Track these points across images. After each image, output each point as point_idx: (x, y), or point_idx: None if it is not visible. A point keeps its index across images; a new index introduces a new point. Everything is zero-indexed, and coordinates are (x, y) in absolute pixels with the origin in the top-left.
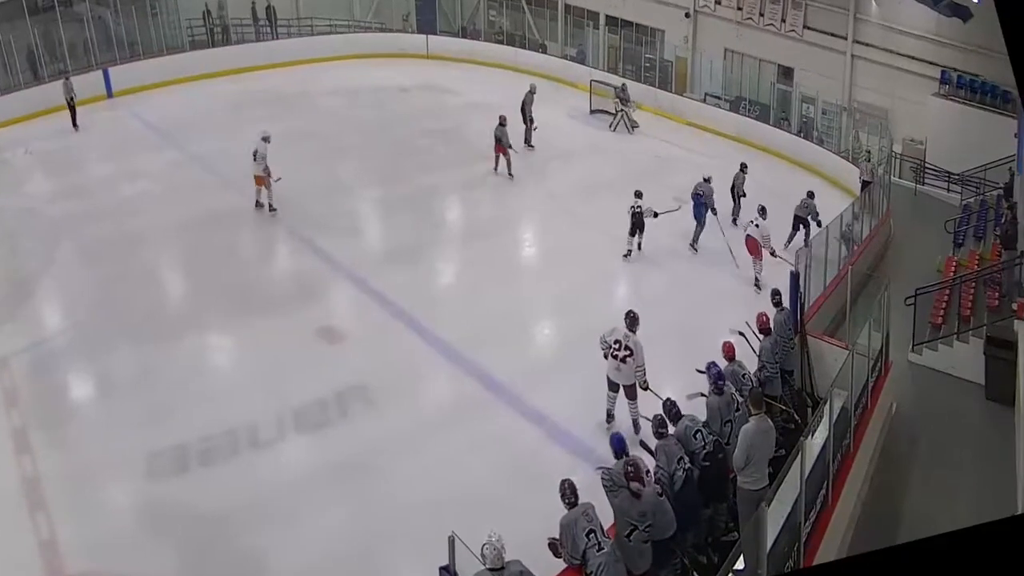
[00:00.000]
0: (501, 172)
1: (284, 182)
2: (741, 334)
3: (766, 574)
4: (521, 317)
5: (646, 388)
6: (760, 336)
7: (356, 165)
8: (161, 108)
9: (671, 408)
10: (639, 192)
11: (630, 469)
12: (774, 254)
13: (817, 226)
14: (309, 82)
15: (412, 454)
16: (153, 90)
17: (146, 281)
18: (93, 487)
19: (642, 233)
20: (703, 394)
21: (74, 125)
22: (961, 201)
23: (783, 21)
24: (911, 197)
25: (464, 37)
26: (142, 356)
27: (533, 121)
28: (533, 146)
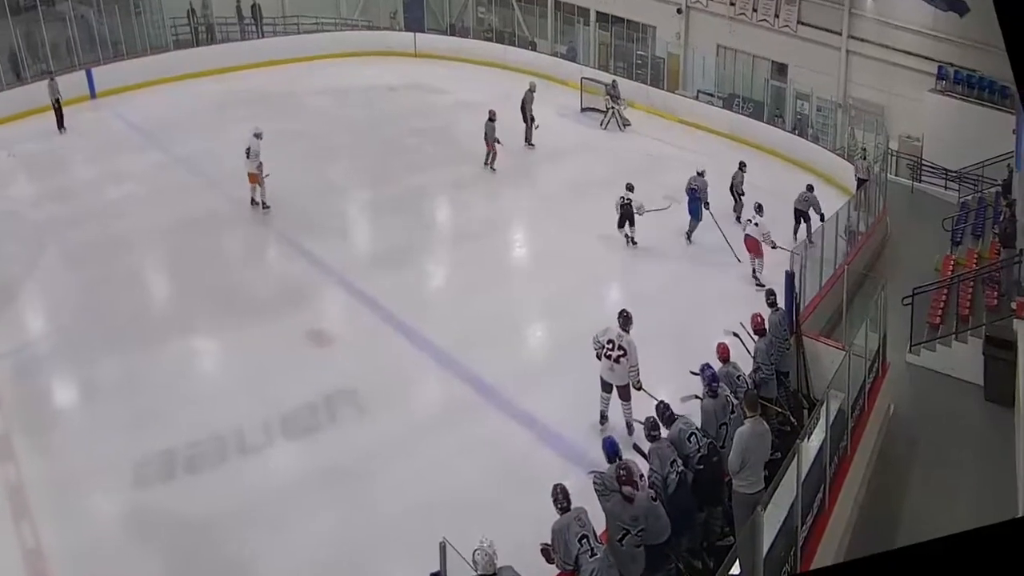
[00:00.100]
0: (485, 170)
1: (271, 182)
2: (735, 335)
3: None
4: (512, 319)
5: (639, 388)
6: (755, 337)
7: (344, 165)
8: (145, 109)
9: (664, 411)
10: (630, 185)
11: (622, 473)
12: (775, 246)
13: (820, 220)
14: (295, 81)
15: (402, 459)
16: (137, 90)
17: (131, 284)
18: (78, 494)
19: (632, 226)
20: (698, 396)
21: (60, 127)
22: (959, 199)
23: (777, 16)
24: (908, 195)
25: (452, 35)
26: (127, 361)
27: (534, 120)
28: (534, 145)
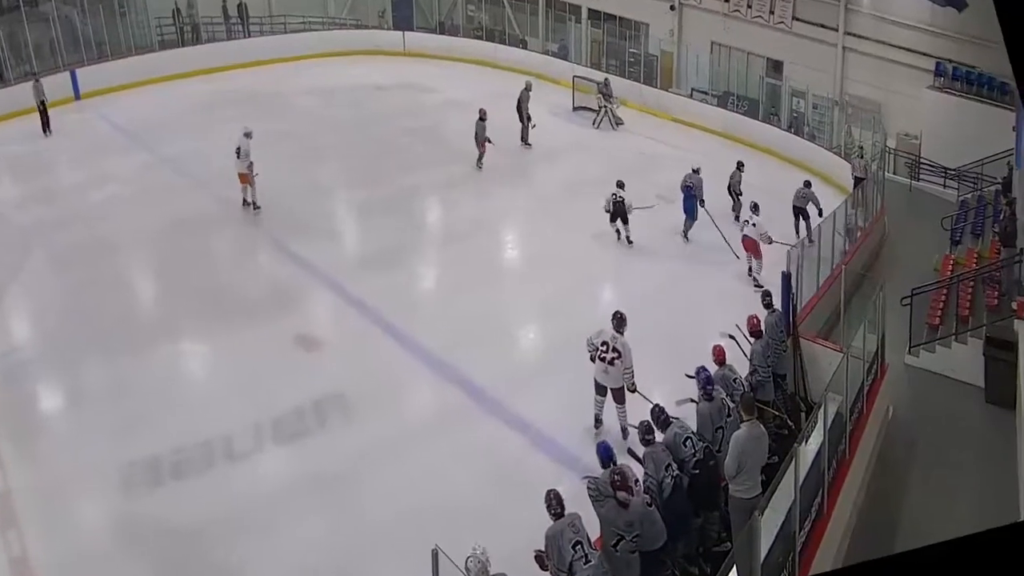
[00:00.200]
0: (472, 168)
1: (260, 183)
2: (732, 337)
3: None
4: (504, 321)
5: (634, 391)
6: (751, 339)
7: (333, 166)
8: (131, 110)
9: (659, 415)
10: (621, 182)
11: (616, 478)
12: (771, 242)
13: (819, 215)
14: (283, 81)
15: (393, 464)
16: (122, 91)
17: (118, 288)
18: (65, 501)
19: (626, 223)
20: (693, 399)
21: (45, 130)
22: (958, 197)
23: (772, 13)
24: (906, 194)
25: (442, 33)
26: (114, 366)
27: (531, 119)
28: (530, 144)
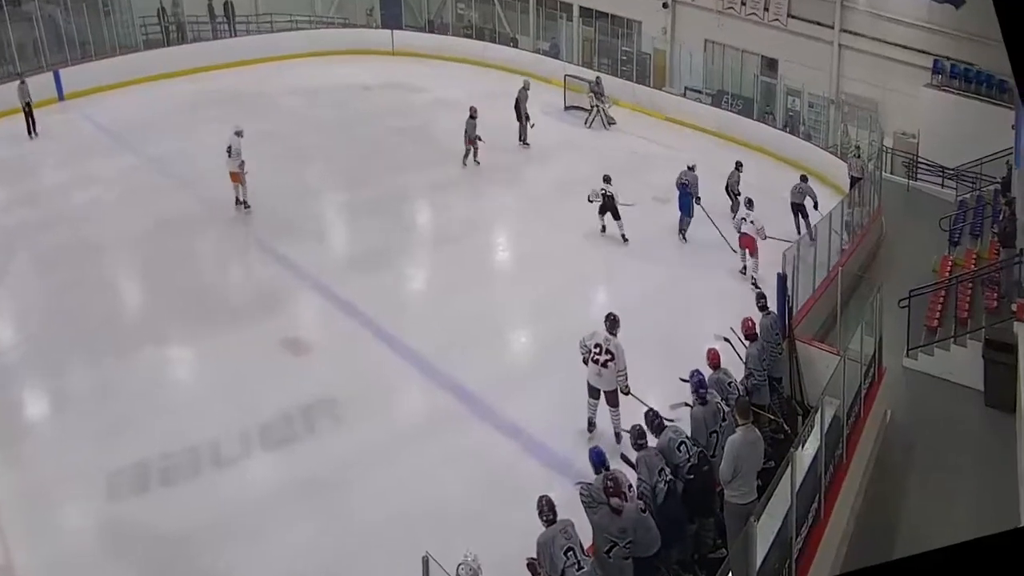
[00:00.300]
0: (468, 164)
1: (249, 183)
2: (726, 340)
3: None
4: (495, 324)
5: (627, 393)
6: (746, 342)
7: (320, 167)
8: (115, 110)
9: (654, 419)
10: (608, 177)
11: (610, 484)
12: (765, 237)
13: (815, 207)
14: (269, 81)
15: (382, 470)
16: (107, 92)
17: (103, 291)
18: (50, 507)
19: (618, 219)
20: (687, 404)
21: (31, 132)
22: (956, 197)
23: (766, 10)
24: (903, 193)
25: (431, 32)
26: (99, 370)
27: (529, 118)
28: (529, 144)
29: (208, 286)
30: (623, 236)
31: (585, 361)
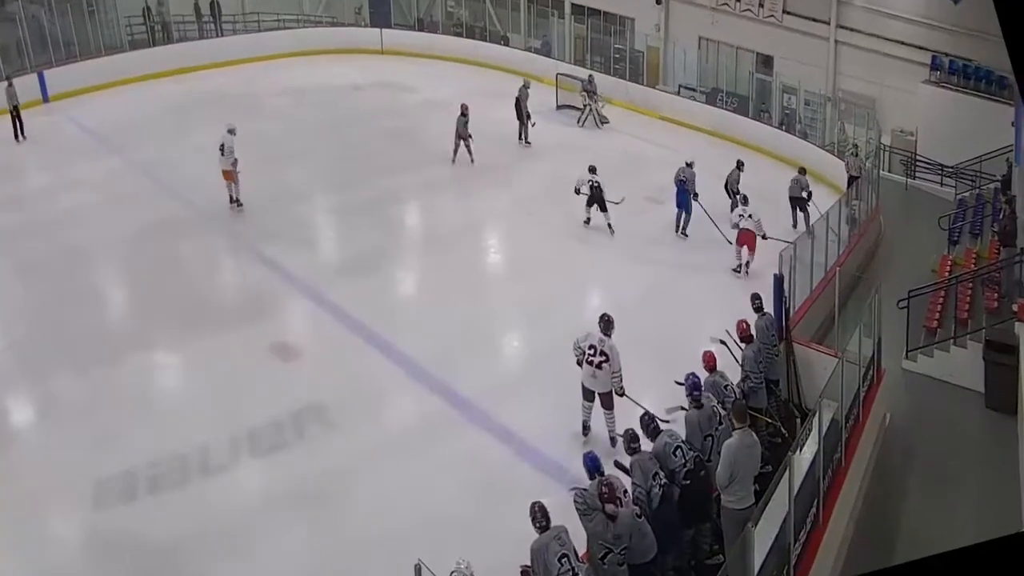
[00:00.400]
0: (461, 161)
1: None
2: (722, 343)
3: None
4: (488, 328)
5: (622, 395)
6: (741, 345)
7: (309, 169)
8: (101, 112)
9: (649, 423)
10: (593, 167)
11: (604, 490)
12: (765, 237)
13: (807, 197)
14: (257, 81)
15: (373, 477)
16: (92, 93)
17: (89, 297)
18: (36, 517)
19: (605, 211)
20: (683, 407)
21: (18, 136)
22: (956, 196)
23: (761, 6)
24: (902, 192)
25: (421, 30)
26: (85, 376)
27: (530, 117)
28: (530, 143)
29: (195, 291)
30: (609, 226)
31: (579, 363)
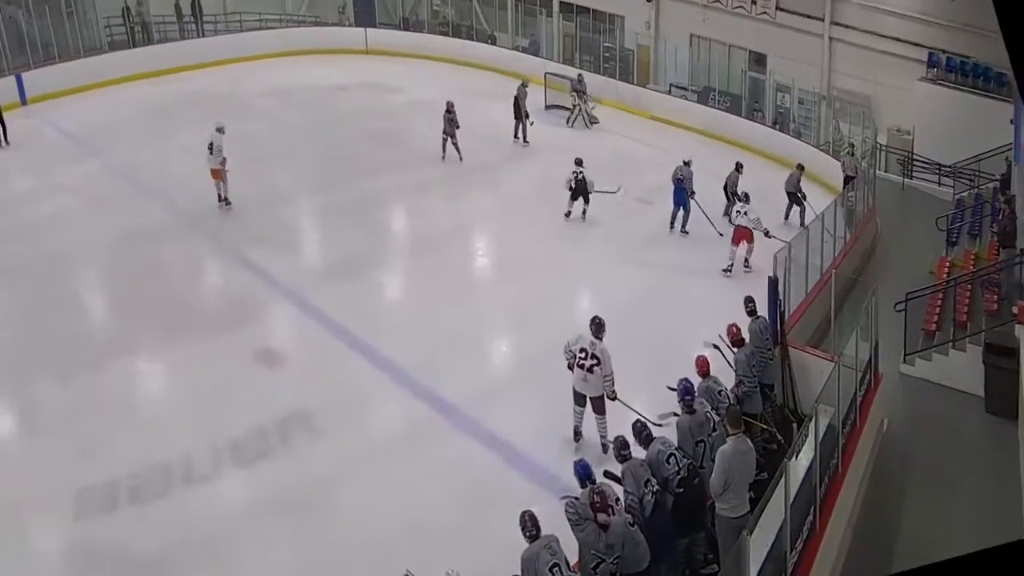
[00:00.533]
0: (449, 160)
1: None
2: (715, 347)
3: None
4: (476, 333)
5: (614, 399)
6: (734, 349)
7: (292, 172)
8: (80, 115)
9: (641, 430)
10: (579, 160)
11: (596, 499)
12: (768, 234)
13: (801, 194)
14: (239, 82)
15: (360, 484)
16: (71, 95)
17: (70, 303)
18: (16, 528)
19: (587, 202)
20: (676, 413)
21: (3, 141)
22: (954, 195)
23: (754, 3)
24: (898, 192)
25: (406, 30)
26: (67, 384)
27: (528, 116)
28: (528, 142)
29: (178, 297)
30: (584, 213)
31: (570, 367)
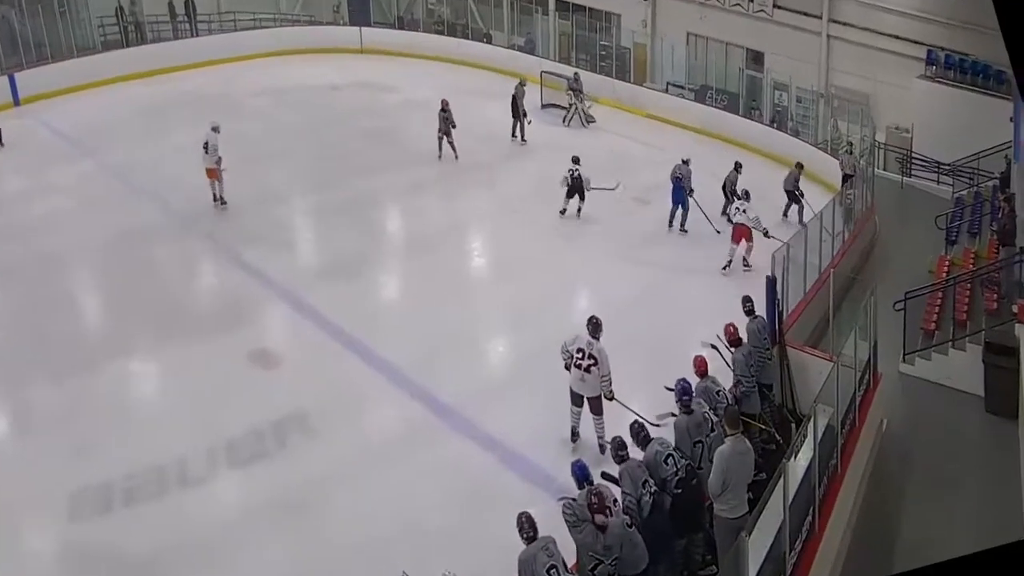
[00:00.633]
0: (445, 159)
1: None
2: (713, 347)
3: None
4: (473, 332)
5: (611, 399)
6: (731, 349)
7: (287, 171)
8: (74, 115)
9: (639, 431)
10: (576, 158)
11: (594, 500)
12: (767, 234)
13: (799, 192)
14: (233, 82)
15: (356, 485)
16: (64, 95)
17: (64, 304)
18: (11, 530)
19: (583, 199)
20: (673, 414)
21: None
22: (953, 194)
23: (751, 1)
24: (897, 191)
25: (401, 28)
26: (61, 386)
27: (526, 115)
28: (526, 141)
29: (173, 297)
30: (579, 210)
31: (567, 367)
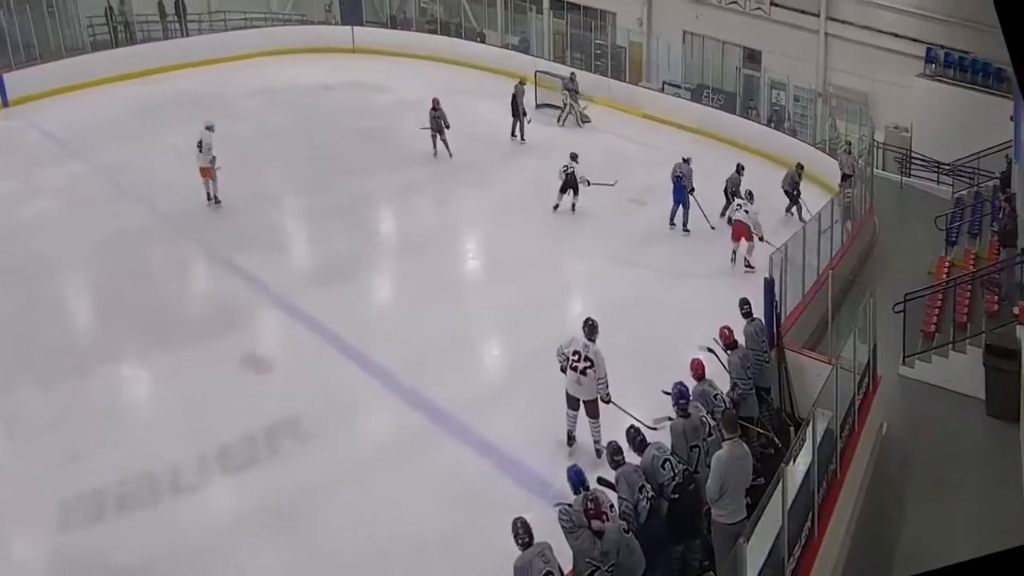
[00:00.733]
0: (440, 159)
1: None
2: (710, 350)
3: None
4: (467, 335)
5: (608, 402)
6: (727, 351)
7: (279, 172)
8: (63, 116)
9: (635, 436)
10: (575, 155)
11: (590, 506)
12: (761, 239)
13: (797, 193)
14: (224, 82)
15: (350, 492)
16: (54, 96)
17: (53, 309)
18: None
19: (576, 195)
20: (671, 418)
21: None
22: (953, 194)
23: None
24: (896, 191)
25: (394, 28)
26: (50, 391)
27: (526, 114)
28: (525, 140)
29: (164, 302)
30: (573, 206)
31: (563, 369)
